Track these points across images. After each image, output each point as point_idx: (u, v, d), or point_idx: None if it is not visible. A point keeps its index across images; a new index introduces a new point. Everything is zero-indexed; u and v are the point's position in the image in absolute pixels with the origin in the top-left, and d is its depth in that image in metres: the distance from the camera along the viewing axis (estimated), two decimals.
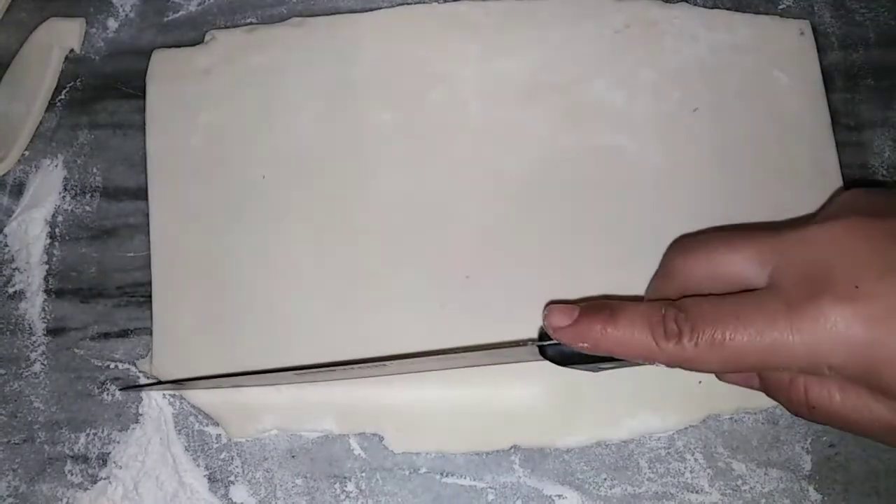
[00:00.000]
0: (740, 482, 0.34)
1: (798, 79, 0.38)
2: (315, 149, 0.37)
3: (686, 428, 0.34)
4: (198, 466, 0.35)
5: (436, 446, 0.34)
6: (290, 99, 0.38)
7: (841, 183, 0.36)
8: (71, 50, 0.40)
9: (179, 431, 0.35)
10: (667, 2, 0.39)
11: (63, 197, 0.38)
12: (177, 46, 0.40)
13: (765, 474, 0.34)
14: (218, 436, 0.35)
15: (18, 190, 0.39)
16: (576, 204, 0.36)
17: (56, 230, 0.38)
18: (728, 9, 0.39)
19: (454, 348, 0.33)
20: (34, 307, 0.37)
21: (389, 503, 0.34)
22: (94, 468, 0.35)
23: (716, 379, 0.30)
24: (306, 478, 0.34)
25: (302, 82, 0.38)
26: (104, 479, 0.35)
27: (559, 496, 0.34)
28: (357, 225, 0.36)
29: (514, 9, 0.39)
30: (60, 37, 0.40)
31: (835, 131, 0.37)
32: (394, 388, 0.34)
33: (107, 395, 0.36)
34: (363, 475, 0.34)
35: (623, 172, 0.37)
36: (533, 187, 0.36)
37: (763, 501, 0.34)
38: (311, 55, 0.39)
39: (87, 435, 0.35)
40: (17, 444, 0.35)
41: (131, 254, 0.37)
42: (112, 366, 0.36)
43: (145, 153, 0.38)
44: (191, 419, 0.35)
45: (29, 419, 0.36)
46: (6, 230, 0.38)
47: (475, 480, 0.34)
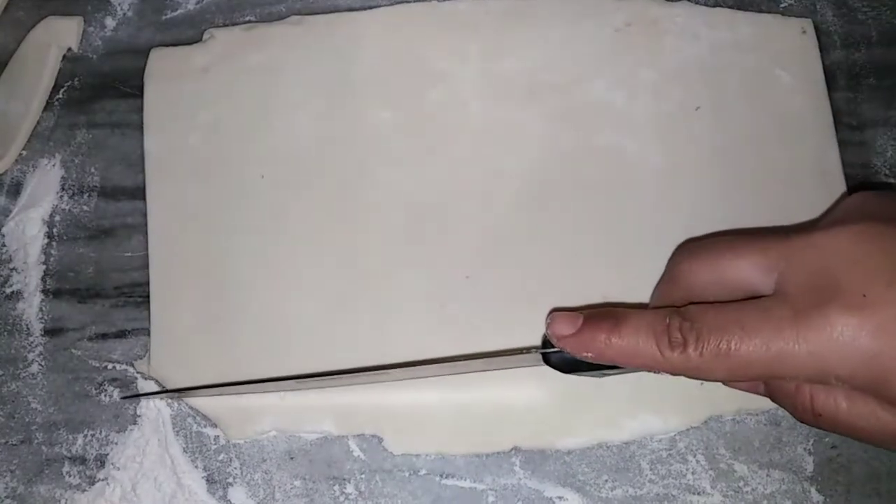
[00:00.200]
0: (742, 483, 0.34)
1: (800, 78, 0.37)
2: (314, 148, 0.37)
3: (688, 429, 0.34)
4: (196, 468, 0.35)
5: (435, 448, 0.34)
6: (289, 98, 0.38)
7: (843, 181, 0.36)
8: (69, 49, 0.40)
9: (177, 433, 0.35)
10: (668, 0, 0.39)
11: (61, 197, 0.38)
12: (175, 45, 0.39)
13: (767, 476, 0.34)
14: (216, 437, 0.35)
15: (16, 190, 0.38)
16: (576, 203, 0.36)
17: (54, 230, 0.38)
18: (730, 7, 0.39)
19: (457, 356, 0.33)
20: (32, 307, 0.37)
21: None
22: (92, 469, 0.35)
23: None
24: (305, 479, 0.34)
25: (301, 81, 0.38)
26: (102, 481, 0.34)
27: (560, 498, 0.34)
28: (356, 224, 0.36)
29: (514, 7, 0.39)
30: (58, 35, 0.40)
31: (837, 130, 0.37)
32: (393, 390, 0.34)
33: (105, 397, 0.36)
34: (362, 477, 0.34)
35: (623, 172, 0.36)
36: (533, 187, 0.36)
37: (765, 503, 0.33)
38: (310, 54, 0.38)
39: (85, 436, 0.35)
40: (15, 446, 0.35)
41: (129, 254, 0.37)
42: (110, 366, 0.36)
43: (143, 152, 0.38)
44: (189, 420, 0.35)
45: (26, 420, 0.35)
46: (3, 230, 0.38)
47: (475, 482, 0.34)
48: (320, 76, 0.38)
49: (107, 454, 0.35)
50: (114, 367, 0.36)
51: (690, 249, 0.30)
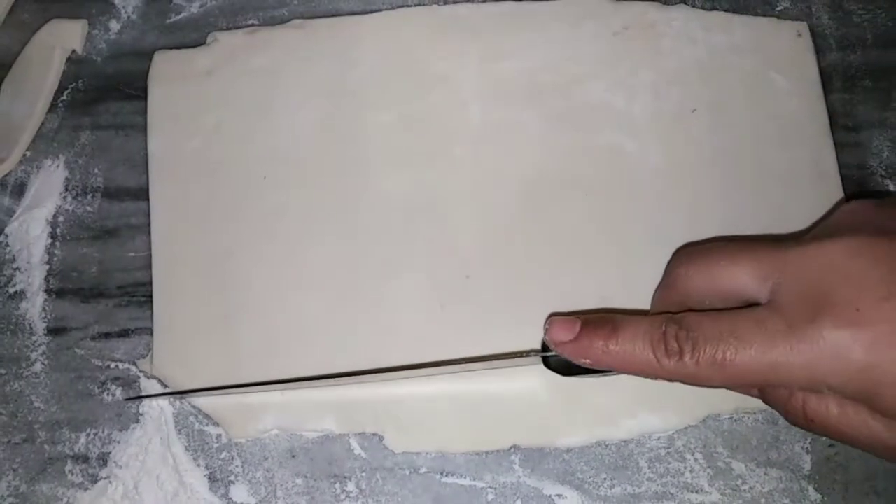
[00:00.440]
0: (740, 482, 0.34)
1: (796, 80, 0.38)
2: (316, 150, 0.37)
3: (686, 428, 0.34)
4: (198, 466, 0.35)
5: (436, 446, 0.34)
6: (292, 100, 0.38)
7: (839, 183, 0.36)
8: (73, 51, 0.41)
9: (180, 431, 0.35)
10: (665, 4, 0.39)
11: (64, 197, 0.38)
12: (179, 48, 0.40)
13: (764, 474, 0.34)
14: (218, 436, 0.35)
15: (20, 190, 0.39)
16: (575, 204, 0.36)
17: (57, 230, 0.38)
18: (726, 10, 0.40)
19: (456, 359, 0.33)
20: (35, 307, 0.37)
21: (389, 503, 0.34)
22: (95, 468, 0.35)
23: None
24: (306, 477, 0.34)
25: (303, 83, 0.38)
26: (104, 479, 0.35)
27: (559, 496, 0.34)
28: (357, 225, 0.36)
29: (514, 11, 0.39)
30: (62, 38, 0.40)
31: (833, 132, 0.37)
32: (394, 389, 0.34)
33: (107, 395, 0.36)
34: (363, 475, 0.34)
35: (622, 173, 0.37)
36: (533, 188, 0.37)
37: (763, 501, 0.34)
38: (312, 57, 0.39)
39: (88, 435, 0.35)
40: (18, 444, 0.35)
41: (132, 254, 0.37)
42: (112, 366, 0.36)
43: (147, 154, 0.38)
44: (191, 419, 0.35)
45: (29, 419, 0.35)
46: (7, 230, 0.38)
47: (475, 480, 0.34)
48: (322, 79, 0.38)
49: (109, 453, 0.35)
50: (116, 367, 0.36)
51: (688, 255, 0.30)
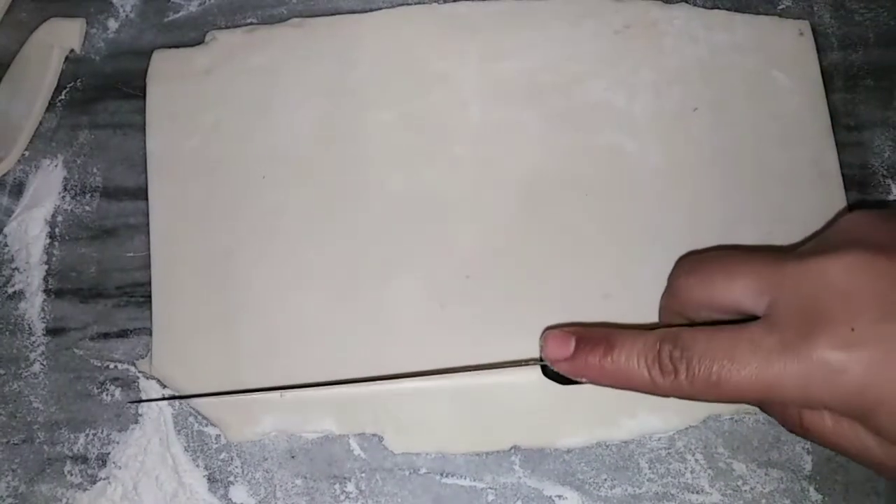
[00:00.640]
0: (741, 482, 0.34)
1: (798, 79, 0.38)
2: (315, 149, 0.37)
3: (686, 428, 0.34)
4: (197, 467, 0.35)
5: (436, 447, 0.34)
6: (291, 99, 0.38)
7: (841, 182, 0.36)
8: (71, 50, 0.40)
9: (179, 432, 0.35)
10: (666, 2, 0.39)
11: (63, 197, 0.38)
12: (177, 47, 0.40)
13: (765, 475, 0.34)
14: (217, 436, 0.35)
15: (18, 190, 0.39)
16: (576, 204, 0.36)
17: (56, 230, 0.38)
18: (727, 9, 0.39)
19: (454, 368, 0.33)
20: (34, 307, 0.37)
21: (389, 503, 0.34)
22: (94, 468, 0.35)
23: None
24: (306, 478, 0.34)
25: (302, 83, 0.38)
26: (104, 480, 0.35)
27: (559, 496, 0.34)
28: (357, 225, 0.36)
29: (514, 9, 0.39)
30: (61, 37, 0.40)
31: (834, 131, 0.37)
32: (394, 390, 0.34)
33: (106, 396, 0.36)
34: (363, 475, 0.34)
35: (623, 172, 0.37)
36: (533, 187, 0.36)
37: (763, 502, 0.34)
38: (312, 55, 0.39)
39: (87, 435, 0.35)
40: (17, 445, 0.35)
41: (131, 254, 0.37)
42: (112, 366, 0.36)
43: (145, 153, 0.38)
44: (190, 419, 0.35)
45: (28, 419, 0.35)
46: (6, 230, 0.38)
47: (475, 481, 0.34)
48: (321, 78, 0.38)
49: (108, 453, 0.35)
50: (115, 367, 0.36)
51: (688, 265, 0.30)
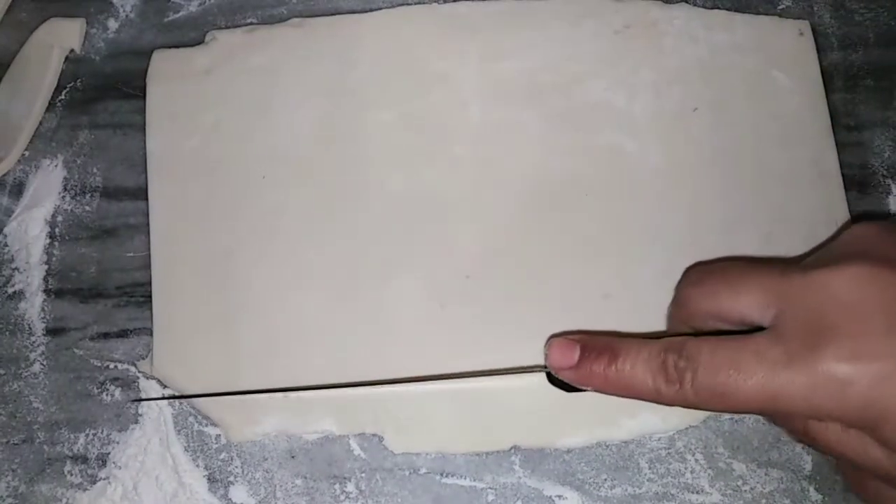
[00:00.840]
0: (741, 482, 0.34)
1: (798, 79, 0.38)
2: (315, 149, 0.37)
3: (686, 428, 0.34)
4: (197, 467, 0.35)
5: (436, 447, 0.34)
6: (290, 99, 0.38)
7: (841, 182, 0.36)
8: (71, 50, 0.40)
9: (179, 432, 0.35)
10: (666, 2, 0.39)
11: (63, 197, 0.38)
12: (177, 47, 0.40)
13: (765, 475, 0.34)
14: (217, 436, 0.35)
15: (18, 190, 0.39)
16: (576, 203, 0.36)
17: (56, 230, 0.38)
18: (727, 9, 0.39)
19: (458, 373, 0.33)
20: (34, 307, 0.37)
21: (389, 503, 0.34)
22: (94, 468, 0.35)
23: None
24: (306, 478, 0.34)
25: (302, 83, 0.38)
26: (104, 480, 0.35)
27: (559, 496, 0.34)
28: (357, 225, 0.36)
29: (514, 9, 0.39)
30: (61, 37, 0.40)
31: (834, 131, 0.37)
32: (394, 389, 0.34)
33: (106, 396, 0.36)
34: (363, 476, 0.34)
35: (623, 172, 0.37)
36: (533, 187, 0.36)
37: (763, 502, 0.34)
38: (312, 55, 0.39)
39: (87, 435, 0.35)
40: (17, 445, 0.35)
41: (131, 254, 0.37)
42: (112, 366, 0.36)
43: (145, 153, 0.38)
44: (190, 419, 0.35)
45: (28, 419, 0.35)
46: (6, 230, 0.38)
47: (475, 481, 0.34)
48: (321, 78, 0.38)
49: (108, 453, 0.35)
50: (115, 367, 0.36)
51: (696, 276, 0.30)
